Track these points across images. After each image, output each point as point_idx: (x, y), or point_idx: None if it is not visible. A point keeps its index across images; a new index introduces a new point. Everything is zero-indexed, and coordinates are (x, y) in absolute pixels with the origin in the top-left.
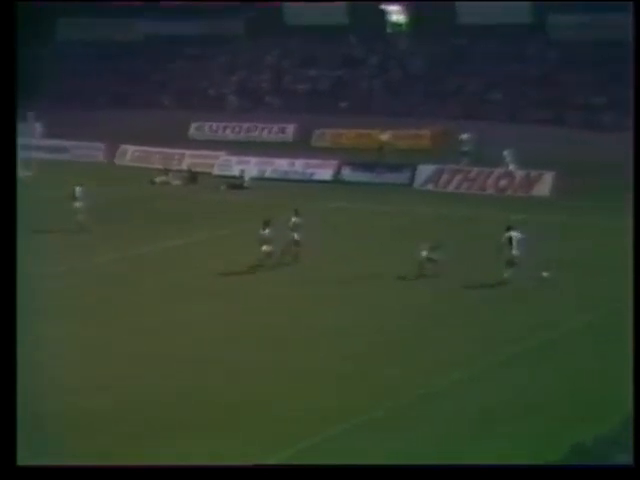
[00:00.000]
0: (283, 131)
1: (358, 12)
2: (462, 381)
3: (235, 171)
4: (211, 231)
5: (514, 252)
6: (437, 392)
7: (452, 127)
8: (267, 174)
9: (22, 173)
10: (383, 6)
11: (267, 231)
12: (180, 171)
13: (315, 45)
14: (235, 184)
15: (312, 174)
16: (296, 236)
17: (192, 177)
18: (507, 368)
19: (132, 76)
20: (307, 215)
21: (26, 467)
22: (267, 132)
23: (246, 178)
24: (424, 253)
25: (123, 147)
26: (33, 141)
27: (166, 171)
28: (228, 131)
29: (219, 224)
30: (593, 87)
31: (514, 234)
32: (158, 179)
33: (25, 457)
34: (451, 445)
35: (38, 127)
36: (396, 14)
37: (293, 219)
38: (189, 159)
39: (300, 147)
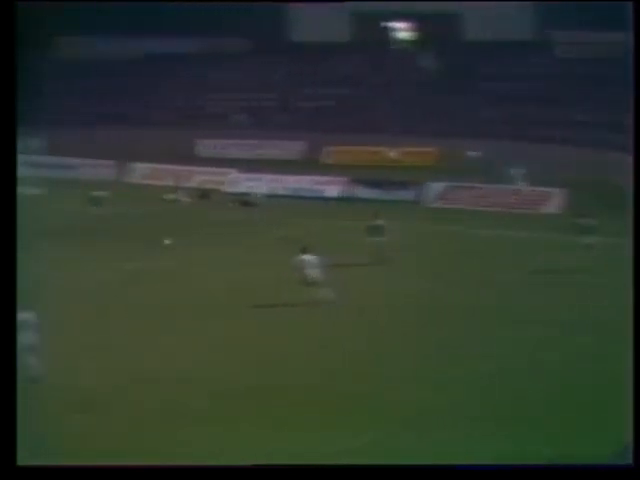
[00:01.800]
0: (292, 149)
1: (364, 29)
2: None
3: (245, 188)
4: (220, 248)
5: None
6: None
7: (458, 144)
8: (277, 191)
9: (30, 191)
10: (389, 23)
11: (305, 257)
12: (190, 188)
13: (322, 63)
14: (245, 201)
15: (322, 191)
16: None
17: (202, 194)
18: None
19: (136, 94)
20: (319, 232)
21: (26, 467)
22: (276, 150)
23: (256, 195)
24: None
25: (132, 164)
26: (39, 158)
27: (176, 188)
28: (236, 149)
29: (229, 241)
30: (595, 104)
31: None
32: (168, 196)
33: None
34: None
35: (37, 144)
36: (402, 31)
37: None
38: (198, 176)
39: (309, 165)
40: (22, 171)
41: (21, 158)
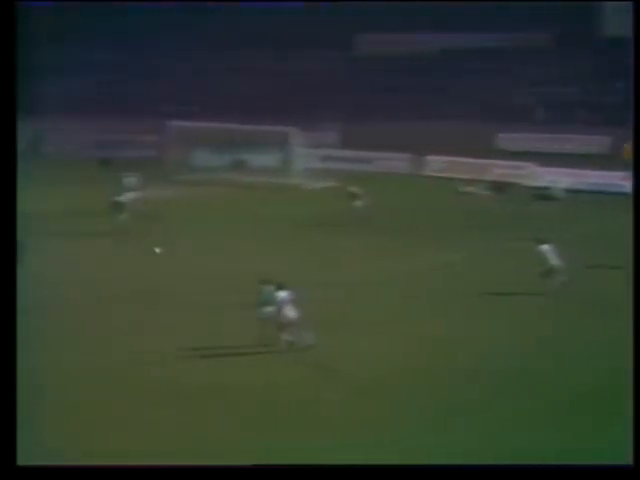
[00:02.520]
0: (592, 143)
1: None
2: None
3: (545, 182)
4: (518, 241)
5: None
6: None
7: None
8: (577, 186)
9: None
10: None
11: None
12: (487, 181)
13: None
14: (545, 195)
15: (622, 187)
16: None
17: (499, 187)
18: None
19: (437, 88)
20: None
21: (26, 467)
22: (575, 144)
23: (557, 189)
24: None
25: (429, 158)
26: (333, 152)
27: (473, 181)
28: (536, 142)
29: (527, 234)
30: None
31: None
32: (464, 189)
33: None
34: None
35: (332, 138)
36: None
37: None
38: (496, 169)
39: (609, 160)
40: (316, 164)
41: (317, 152)
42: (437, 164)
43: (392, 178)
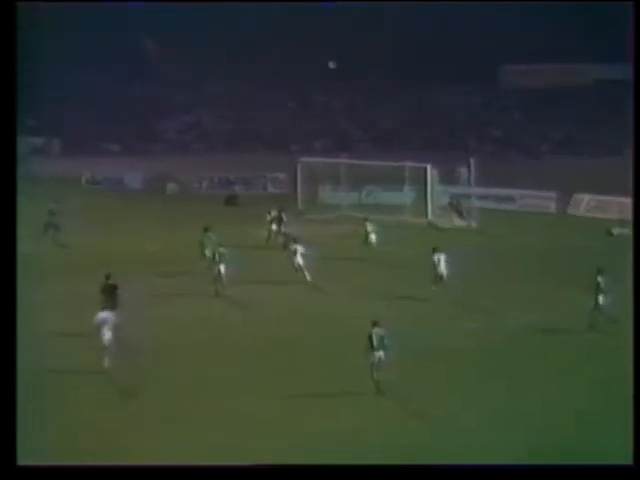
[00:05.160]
0: None
1: None
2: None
3: None
4: None
5: None
6: None
7: None
8: None
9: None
10: None
11: None
12: None
13: None
14: None
15: None
16: None
17: None
18: None
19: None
20: None
21: (26, 467)
22: None
23: None
24: None
25: (578, 196)
26: (470, 189)
27: (622, 221)
28: None
29: None
30: None
31: None
32: (615, 230)
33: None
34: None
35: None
36: None
37: None
38: None
39: None
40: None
41: (452, 190)
42: (587, 203)
43: (537, 218)
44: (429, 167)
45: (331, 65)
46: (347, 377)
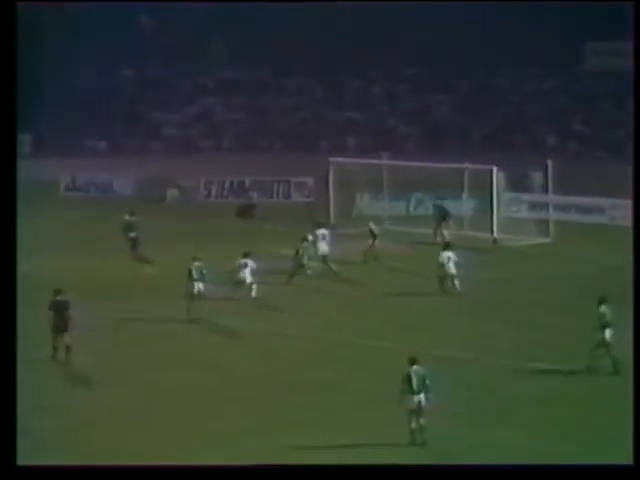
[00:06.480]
0: None
1: None
2: None
3: None
4: None
5: None
6: None
7: None
8: None
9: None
10: None
11: None
12: None
13: None
14: None
15: None
16: None
17: None
18: None
19: None
20: None
21: (26, 467)
22: None
23: None
24: None
25: None
26: (549, 198)
27: None
28: None
29: None
30: None
31: None
32: None
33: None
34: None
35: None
36: None
37: None
38: None
39: None
40: (523, 213)
41: (524, 197)
42: None
43: (630, 233)
44: (494, 170)
45: None
46: (381, 427)
